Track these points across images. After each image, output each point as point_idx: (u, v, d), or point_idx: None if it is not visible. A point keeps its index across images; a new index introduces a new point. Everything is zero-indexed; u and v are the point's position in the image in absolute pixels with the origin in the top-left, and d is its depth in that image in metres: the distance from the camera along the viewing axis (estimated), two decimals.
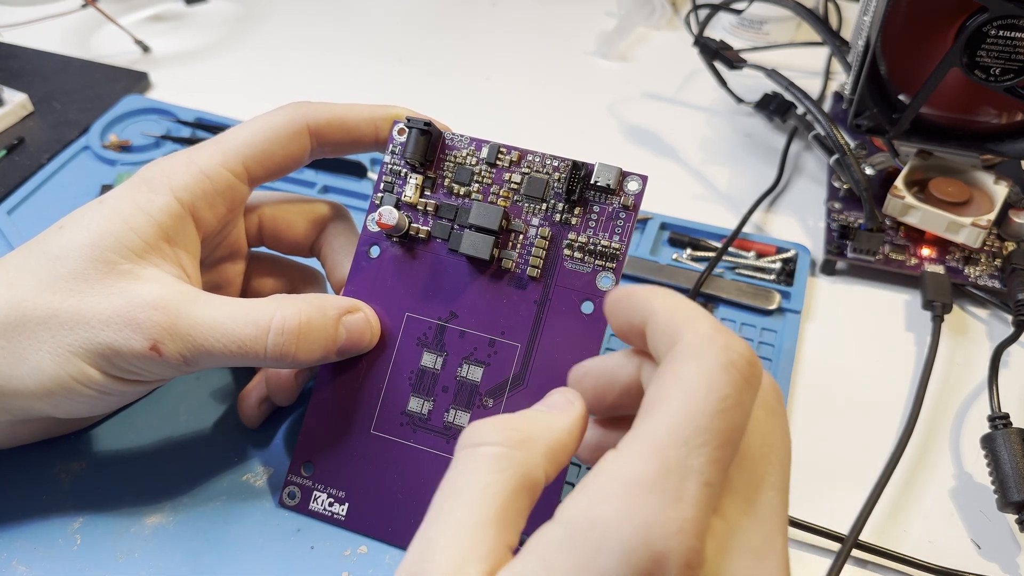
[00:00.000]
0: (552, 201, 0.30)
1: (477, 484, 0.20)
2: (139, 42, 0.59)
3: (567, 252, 0.30)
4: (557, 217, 0.30)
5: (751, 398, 0.20)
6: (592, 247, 0.29)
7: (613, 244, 0.29)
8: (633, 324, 0.22)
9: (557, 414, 0.23)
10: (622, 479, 0.18)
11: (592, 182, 0.29)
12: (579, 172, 0.29)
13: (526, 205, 0.30)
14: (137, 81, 0.54)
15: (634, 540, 0.17)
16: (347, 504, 0.30)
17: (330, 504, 0.30)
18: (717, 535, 0.19)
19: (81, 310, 0.26)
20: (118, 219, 0.27)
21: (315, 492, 0.31)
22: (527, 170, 0.30)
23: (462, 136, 0.31)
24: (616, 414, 0.25)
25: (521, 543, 0.19)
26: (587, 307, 0.29)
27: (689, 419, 0.18)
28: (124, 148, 0.49)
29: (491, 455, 0.20)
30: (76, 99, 0.52)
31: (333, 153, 0.32)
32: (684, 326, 0.20)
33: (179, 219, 0.28)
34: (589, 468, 0.20)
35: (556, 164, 0.30)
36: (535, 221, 0.30)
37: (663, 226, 0.44)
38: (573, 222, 0.30)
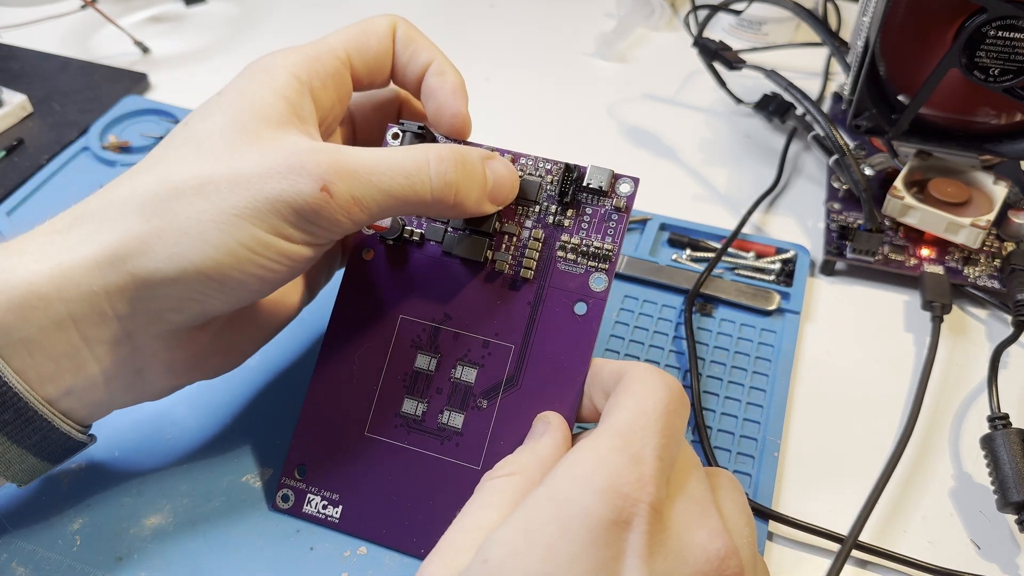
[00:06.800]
0: (545, 203, 0.30)
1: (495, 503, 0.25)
2: (138, 43, 0.59)
3: (560, 254, 0.30)
4: (550, 219, 0.30)
5: (683, 412, 0.25)
6: (585, 248, 0.29)
7: (606, 245, 0.29)
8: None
9: (542, 441, 0.27)
10: (594, 448, 0.23)
11: (584, 184, 0.29)
12: (571, 174, 0.29)
13: (519, 207, 0.30)
14: (136, 82, 0.55)
15: (606, 485, 0.22)
16: (341, 507, 0.30)
17: (324, 507, 0.30)
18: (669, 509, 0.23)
19: (239, 169, 0.25)
20: (249, 97, 0.27)
21: (309, 495, 0.30)
22: (520, 173, 0.30)
23: (454, 140, 0.31)
24: None
25: None
26: (580, 308, 0.29)
27: (641, 415, 0.24)
28: (123, 149, 0.49)
29: (505, 481, 0.25)
30: (75, 100, 0.53)
31: (368, 78, 0.31)
32: (627, 367, 0.26)
33: (301, 95, 0.28)
34: None
35: (549, 167, 0.30)
36: (528, 223, 0.30)
37: (663, 227, 0.44)
38: (566, 224, 0.30)
